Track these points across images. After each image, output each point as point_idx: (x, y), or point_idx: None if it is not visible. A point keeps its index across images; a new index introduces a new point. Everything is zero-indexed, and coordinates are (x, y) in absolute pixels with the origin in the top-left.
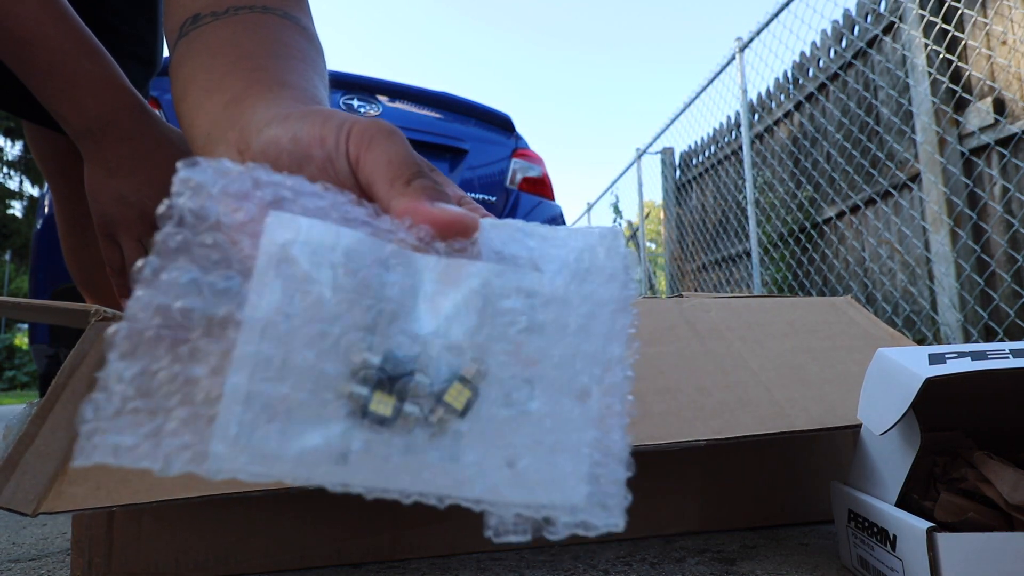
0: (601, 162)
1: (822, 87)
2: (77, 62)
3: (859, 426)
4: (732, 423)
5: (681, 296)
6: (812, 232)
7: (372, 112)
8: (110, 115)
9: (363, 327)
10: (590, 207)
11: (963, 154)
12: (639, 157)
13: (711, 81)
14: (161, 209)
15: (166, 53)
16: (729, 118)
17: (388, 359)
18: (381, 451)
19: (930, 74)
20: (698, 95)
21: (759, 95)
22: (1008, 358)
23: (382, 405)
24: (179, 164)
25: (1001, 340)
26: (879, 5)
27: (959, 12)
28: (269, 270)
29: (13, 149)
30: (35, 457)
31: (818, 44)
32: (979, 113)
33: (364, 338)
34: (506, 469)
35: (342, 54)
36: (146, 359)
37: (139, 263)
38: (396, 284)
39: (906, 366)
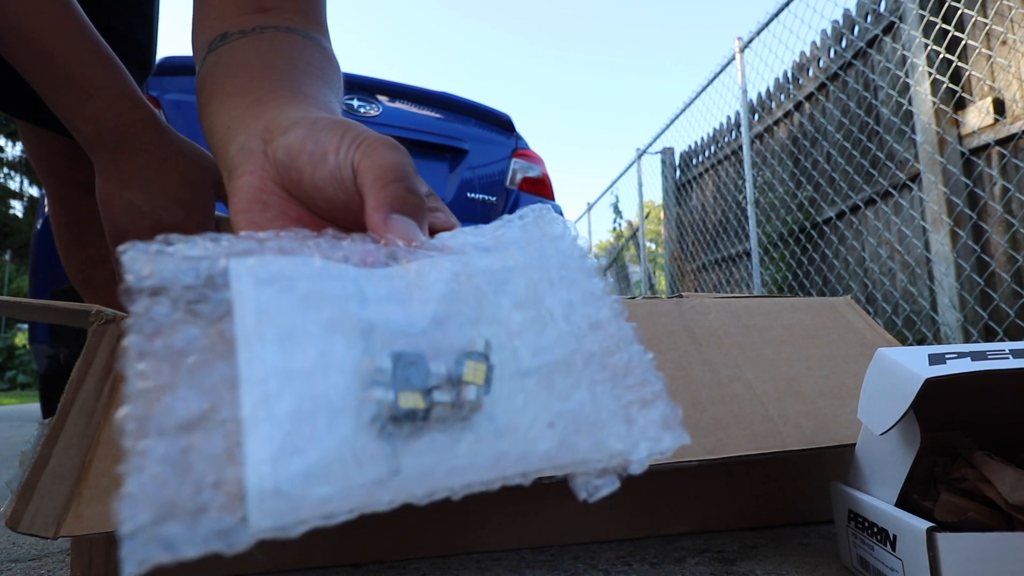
0: (601, 162)
1: (822, 87)
2: (95, 74)
3: (851, 445)
4: (725, 441)
5: (681, 296)
6: (812, 232)
7: (372, 112)
8: (125, 128)
9: (360, 342)
10: (590, 207)
11: (963, 154)
12: (639, 157)
13: (711, 81)
14: (128, 283)
15: (161, 54)
16: (729, 118)
17: (400, 359)
18: (428, 452)
19: (930, 74)
20: (698, 95)
21: (759, 95)
22: (1008, 358)
23: (412, 400)
24: (123, 247)
25: (1001, 340)
26: (879, 5)
27: (959, 12)
28: (246, 313)
29: (13, 149)
30: (51, 478)
31: (818, 44)
32: (979, 113)
33: (363, 351)
34: (551, 431)
35: (343, 54)
36: (170, 434)
37: (127, 340)
38: (373, 294)
39: (906, 366)
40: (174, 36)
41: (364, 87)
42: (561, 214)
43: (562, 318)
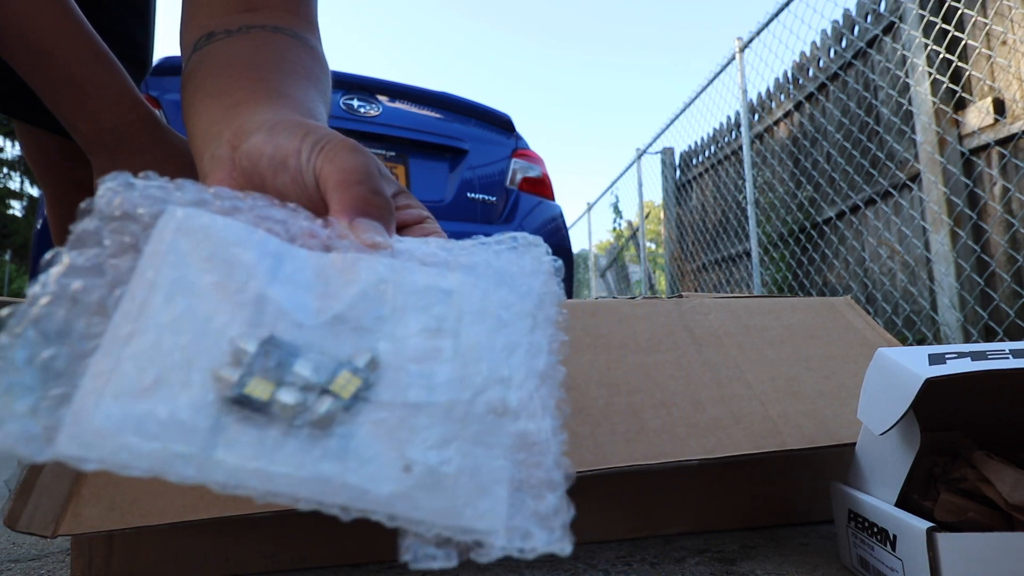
0: (601, 162)
1: (822, 87)
2: (94, 75)
3: (851, 444)
4: (725, 441)
5: (681, 296)
6: (812, 232)
7: (372, 112)
8: (124, 128)
9: (246, 315)
10: (590, 207)
11: (963, 154)
12: (639, 157)
13: (711, 81)
14: (83, 205)
15: (157, 56)
16: (729, 118)
17: (268, 345)
18: (253, 445)
19: (930, 74)
20: (698, 95)
21: (759, 95)
22: (1008, 358)
23: (259, 389)
24: (107, 176)
25: (1001, 340)
26: (879, 5)
27: (959, 12)
28: (154, 253)
29: (13, 149)
30: (50, 478)
31: (818, 44)
32: (979, 113)
33: (243, 324)
34: (403, 475)
35: (343, 54)
36: (35, 340)
37: (48, 254)
38: (287, 276)
39: (906, 366)
40: (173, 36)
41: (364, 87)
42: (562, 215)
43: (472, 360)
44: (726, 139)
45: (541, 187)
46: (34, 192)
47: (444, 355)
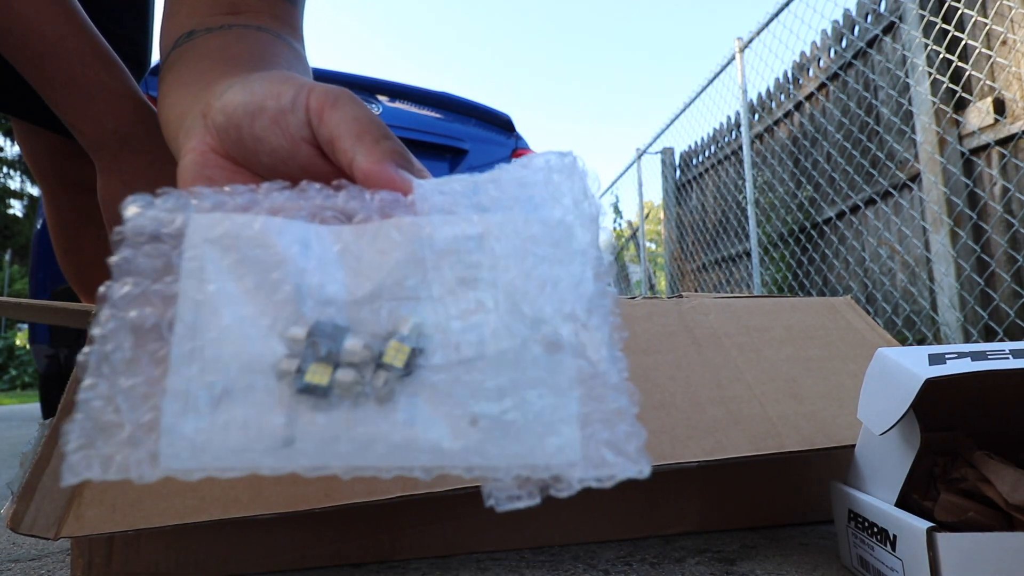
0: (601, 162)
1: (822, 87)
2: (96, 75)
3: (850, 446)
4: (724, 443)
5: (681, 296)
6: (812, 232)
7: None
8: (127, 128)
9: (289, 310)
10: None
11: (963, 154)
12: (639, 157)
13: (711, 81)
14: (114, 237)
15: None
16: (729, 118)
17: (316, 330)
18: (327, 427)
19: (930, 74)
20: (698, 95)
21: (759, 95)
22: (1008, 358)
23: (318, 375)
24: (127, 200)
25: (1001, 340)
26: (879, 5)
27: (959, 12)
28: (191, 270)
29: (13, 149)
30: (51, 480)
31: (818, 44)
32: (979, 113)
33: (288, 319)
34: (471, 430)
35: (343, 53)
36: (112, 375)
37: (101, 288)
38: (317, 258)
39: (906, 366)
40: None
41: (364, 87)
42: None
43: (515, 304)
44: (726, 139)
45: None
46: (34, 192)
47: (486, 305)
